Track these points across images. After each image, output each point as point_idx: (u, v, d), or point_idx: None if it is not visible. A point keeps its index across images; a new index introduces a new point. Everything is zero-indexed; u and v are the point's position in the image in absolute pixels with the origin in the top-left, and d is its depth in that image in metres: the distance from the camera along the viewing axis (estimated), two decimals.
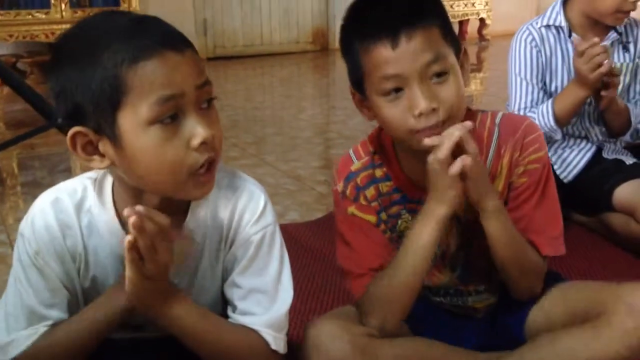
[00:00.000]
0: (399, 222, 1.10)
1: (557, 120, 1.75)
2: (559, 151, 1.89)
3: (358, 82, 1.02)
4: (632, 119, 1.80)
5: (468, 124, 0.96)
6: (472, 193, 0.99)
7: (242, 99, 3.91)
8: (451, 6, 5.39)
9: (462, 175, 0.97)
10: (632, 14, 1.79)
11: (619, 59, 1.84)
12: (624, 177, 1.77)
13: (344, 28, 1.04)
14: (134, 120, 0.81)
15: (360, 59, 0.99)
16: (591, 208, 1.87)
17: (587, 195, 1.86)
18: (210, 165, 0.85)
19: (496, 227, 1.02)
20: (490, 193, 1.01)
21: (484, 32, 5.66)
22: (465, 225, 1.10)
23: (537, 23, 1.85)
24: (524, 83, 1.83)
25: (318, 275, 1.68)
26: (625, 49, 1.85)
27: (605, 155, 1.88)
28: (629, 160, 1.85)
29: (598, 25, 1.79)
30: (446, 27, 1.00)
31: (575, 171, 1.87)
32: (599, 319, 0.99)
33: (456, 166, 0.95)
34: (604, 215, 1.82)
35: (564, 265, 1.67)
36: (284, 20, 5.36)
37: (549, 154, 1.86)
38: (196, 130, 0.82)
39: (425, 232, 1.00)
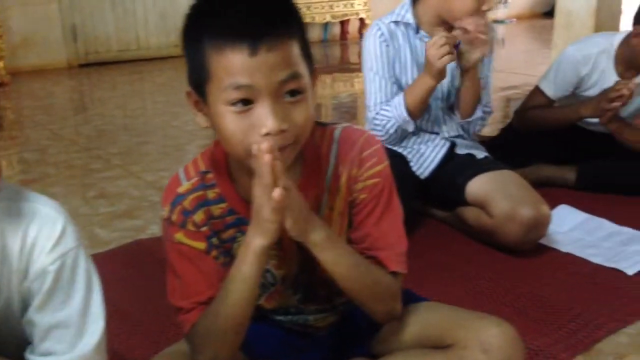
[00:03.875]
0: (235, 245, 1.02)
1: (410, 111, 1.78)
2: (415, 147, 1.92)
3: (200, 83, 0.90)
4: (483, 96, 1.85)
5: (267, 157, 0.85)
6: (292, 229, 0.90)
7: (113, 107, 3.72)
8: (331, 7, 5.44)
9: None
10: None
11: None
12: (475, 171, 1.82)
13: (191, 18, 0.91)
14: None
15: (207, 59, 0.87)
16: (447, 203, 1.91)
17: (442, 190, 1.90)
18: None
19: (329, 259, 0.95)
20: (314, 226, 0.93)
21: (364, 31, 5.75)
22: (306, 249, 1.01)
23: (386, 19, 1.88)
24: (377, 77, 1.84)
25: None
26: None
27: (458, 151, 1.92)
28: (480, 154, 1.90)
29: (445, 24, 1.82)
30: (306, 43, 0.92)
31: (431, 167, 1.90)
32: (452, 350, 0.97)
33: (277, 193, 0.85)
34: (459, 210, 1.86)
35: (428, 261, 1.69)
36: (160, 24, 5.16)
37: (405, 151, 1.91)
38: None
39: (245, 264, 0.92)
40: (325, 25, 5.82)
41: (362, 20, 5.60)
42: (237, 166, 0.97)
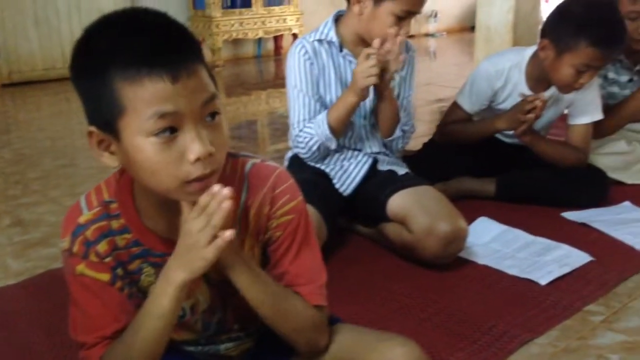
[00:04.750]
0: (142, 277, 0.99)
1: (332, 128, 1.80)
2: (338, 164, 1.93)
3: (109, 119, 0.85)
4: (401, 116, 1.88)
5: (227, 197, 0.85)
6: (223, 260, 0.91)
7: (37, 129, 3.59)
8: (263, 23, 5.44)
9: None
10: None
11: None
12: (395, 187, 1.83)
13: (86, 52, 0.86)
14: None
15: (119, 92, 0.83)
16: (371, 219, 1.92)
17: (365, 207, 1.91)
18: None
19: (247, 283, 0.94)
20: (232, 250, 0.92)
21: None
22: (217, 286, 1.02)
23: (310, 37, 1.89)
24: (301, 95, 1.86)
25: None
26: None
27: (380, 167, 1.93)
28: (401, 170, 1.93)
29: (365, 43, 1.85)
30: (207, 68, 0.91)
31: (353, 184, 1.91)
32: None
33: (222, 240, 0.85)
34: (381, 226, 1.87)
35: (351, 279, 1.69)
36: None
37: (328, 169, 1.92)
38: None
39: (164, 299, 0.90)
40: (259, 41, 5.82)
41: (295, 35, 5.63)
42: (144, 197, 0.94)
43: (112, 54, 0.83)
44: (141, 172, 0.87)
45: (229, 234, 0.84)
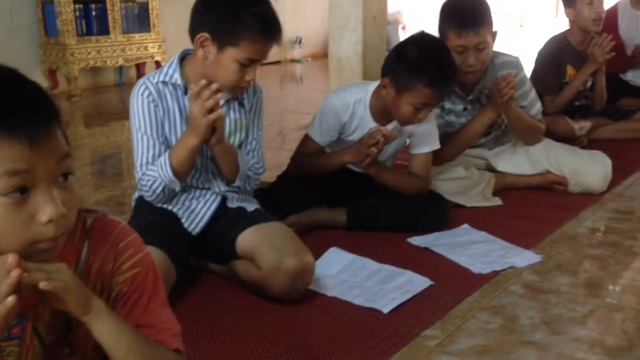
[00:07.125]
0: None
1: (175, 171, 1.77)
2: (186, 203, 1.90)
3: None
4: (241, 164, 1.89)
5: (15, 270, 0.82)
6: (76, 307, 0.90)
7: None
8: (123, 50, 5.28)
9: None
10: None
11: (235, 115, 1.92)
12: (245, 224, 1.83)
13: None
14: None
15: None
16: (222, 257, 1.90)
17: (216, 245, 1.89)
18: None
19: (111, 329, 0.93)
20: (92, 297, 0.92)
21: None
22: (50, 346, 0.98)
23: (154, 78, 1.85)
24: (145, 138, 1.82)
25: None
26: (241, 104, 1.94)
27: (229, 204, 1.93)
28: (251, 207, 1.93)
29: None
30: (62, 125, 0.90)
31: (201, 223, 1.89)
32: None
33: (3, 307, 0.82)
34: (232, 263, 1.86)
35: (200, 320, 1.66)
36: None
37: (176, 208, 1.89)
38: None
39: None
40: (120, 69, 5.64)
41: (158, 63, 5.52)
42: None
43: None
44: None
45: (10, 300, 0.82)
